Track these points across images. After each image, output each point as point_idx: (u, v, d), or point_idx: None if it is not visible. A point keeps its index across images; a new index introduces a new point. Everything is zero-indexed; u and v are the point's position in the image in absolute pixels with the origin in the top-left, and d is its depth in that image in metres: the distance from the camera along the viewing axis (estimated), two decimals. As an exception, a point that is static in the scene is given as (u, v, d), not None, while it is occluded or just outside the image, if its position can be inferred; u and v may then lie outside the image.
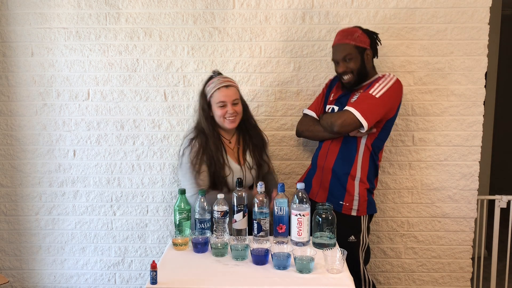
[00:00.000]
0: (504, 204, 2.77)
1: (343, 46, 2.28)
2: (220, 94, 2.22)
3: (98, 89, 2.68)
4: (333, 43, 2.34)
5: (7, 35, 2.65)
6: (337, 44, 2.31)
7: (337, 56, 2.30)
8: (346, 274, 1.75)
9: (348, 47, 2.27)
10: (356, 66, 2.28)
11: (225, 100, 2.21)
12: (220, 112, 2.22)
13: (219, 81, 2.25)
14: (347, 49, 2.27)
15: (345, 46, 2.27)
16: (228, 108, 2.21)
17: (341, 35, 2.31)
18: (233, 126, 2.27)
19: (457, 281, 2.74)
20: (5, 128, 2.72)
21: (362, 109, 2.19)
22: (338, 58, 2.30)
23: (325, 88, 2.53)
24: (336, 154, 2.34)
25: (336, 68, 2.34)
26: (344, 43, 2.28)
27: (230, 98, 2.22)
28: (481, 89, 2.60)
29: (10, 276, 2.83)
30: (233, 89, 2.25)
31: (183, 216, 2.08)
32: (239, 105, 2.26)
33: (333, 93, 2.45)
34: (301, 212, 1.96)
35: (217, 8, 2.59)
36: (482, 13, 2.54)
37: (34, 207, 2.77)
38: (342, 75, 2.31)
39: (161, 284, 1.69)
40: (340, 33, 2.32)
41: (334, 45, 2.33)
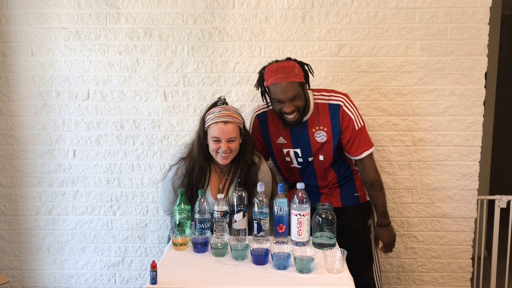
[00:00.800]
0: (504, 204, 2.77)
1: (290, 85, 2.10)
2: (216, 129, 2.09)
3: (98, 89, 2.68)
4: (274, 81, 2.12)
5: (7, 35, 2.65)
6: (281, 83, 2.10)
7: (285, 96, 2.10)
8: (346, 274, 1.76)
9: (295, 86, 2.11)
10: (302, 103, 2.14)
11: (220, 137, 2.08)
12: (213, 146, 2.12)
13: (220, 113, 2.11)
14: (295, 88, 2.11)
15: (292, 85, 2.10)
16: (222, 145, 2.09)
17: (284, 73, 2.11)
18: (225, 163, 2.15)
19: (457, 281, 2.74)
20: (5, 128, 2.72)
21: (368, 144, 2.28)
22: (287, 99, 2.10)
23: (256, 130, 2.37)
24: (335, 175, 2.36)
25: (281, 107, 2.14)
26: (290, 82, 2.10)
27: (226, 136, 2.08)
28: (481, 89, 2.60)
29: (10, 276, 2.83)
30: (231, 126, 2.09)
31: (183, 216, 2.08)
32: (235, 142, 2.12)
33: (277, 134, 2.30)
34: (301, 212, 1.96)
35: (217, 8, 2.59)
36: (482, 13, 2.54)
37: (34, 207, 2.77)
38: (288, 114, 2.14)
39: (161, 284, 1.69)
40: (279, 70, 2.12)
41: (276, 83, 2.11)
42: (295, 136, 2.28)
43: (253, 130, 2.41)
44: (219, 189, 2.24)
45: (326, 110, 2.24)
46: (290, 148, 2.31)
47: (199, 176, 2.19)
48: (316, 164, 2.32)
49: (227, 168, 2.24)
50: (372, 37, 2.58)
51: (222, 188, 2.24)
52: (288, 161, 2.36)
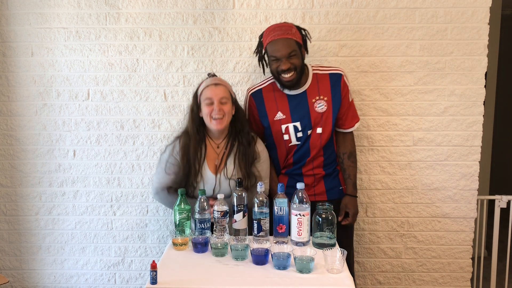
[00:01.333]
0: (504, 204, 2.77)
1: (286, 41, 2.14)
2: (207, 91, 2.19)
3: (98, 89, 2.68)
4: (270, 39, 2.17)
5: (7, 35, 2.65)
6: (278, 40, 2.15)
7: (281, 52, 2.14)
8: (346, 274, 1.75)
9: (291, 43, 2.15)
10: (299, 62, 2.18)
11: (212, 97, 2.16)
12: (207, 110, 2.18)
13: (209, 80, 2.23)
14: (291, 45, 2.15)
15: (289, 42, 2.15)
16: (215, 106, 2.15)
17: (280, 30, 2.17)
18: (220, 127, 2.18)
19: (457, 281, 2.74)
20: (5, 128, 2.72)
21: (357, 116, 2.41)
22: (282, 55, 2.14)
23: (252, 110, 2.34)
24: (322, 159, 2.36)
25: (277, 65, 2.18)
26: (287, 38, 2.15)
27: (218, 96, 2.16)
28: (481, 89, 2.60)
29: (10, 276, 2.83)
30: (222, 88, 2.19)
31: (183, 216, 2.08)
32: (227, 104, 2.18)
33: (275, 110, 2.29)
34: (301, 212, 1.96)
35: (217, 8, 2.59)
36: (482, 13, 2.54)
37: (34, 207, 2.77)
38: (285, 72, 2.17)
39: (161, 284, 1.69)
40: (276, 29, 2.19)
41: (273, 40, 2.16)
42: (294, 108, 2.28)
43: (249, 110, 2.37)
44: (215, 164, 2.24)
45: (326, 79, 2.29)
46: (289, 122, 2.29)
47: (195, 151, 2.21)
48: (312, 139, 2.30)
49: (223, 143, 2.26)
50: (372, 37, 2.58)
51: (219, 163, 2.24)
52: (287, 139, 2.32)
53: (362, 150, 2.66)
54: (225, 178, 2.21)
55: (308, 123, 2.29)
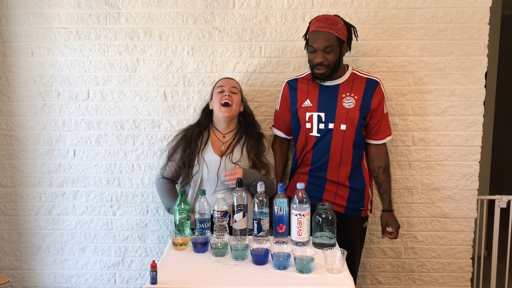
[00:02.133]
0: (504, 204, 2.77)
1: (327, 35, 2.15)
2: (220, 82, 2.37)
3: (98, 89, 2.68)
4: (313, 28, 2.19)
5: (7, 35, 2.65)
6: (319, 32, 2.17)
7: (319, 44, 2.16)
8: (346, 274, 1.76)
9: (331, 38, 2.16)
10: (334, 59, 2.19)
11: (223, 85, 2.32)
12: (217, 97, 2.30)
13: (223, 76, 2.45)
14: (331, 40, 2.16)
15: (329, 36, 2.16)
16: (226, 92, 2.29)
17: (325, 23, 2.17)
18: (228, 115, 2.29)
19: (457, 281, 2.74)
20: (5, 128, 2.72)
21: (390, 129, 2.40)
22: (319, 47, 2.16)
23: (285, 95, 2.40)
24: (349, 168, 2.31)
25: (313, 56, 2.20)
26: (328, 32, 2.15)
27: (229, 85, 2.32)
28: (481, 89, 2.60)
29: (10, 276, 2.83)
30: (233, 81, 2.38)
31: (183, 216, 2.08)
32: (237, 95, 2.32)
33: (304, 98, 2.32)
34: (301, 212, 1.96)
35: (217, 8, 2.59)
36: (482, 13, 2.54)
37: (34, 207, 2.77)
38: (318, 66, 2.19)
39: (161, 284, 1.69)
40: (322, 20, 2.19)
41: (315, 31, 2.18)
42: (323, 98, 2.29)
43: (282, 96, 2.43)
44: (221, 150, 2.32)
45: (362, 82, 2.30)
46: (314, 111, 2.29)
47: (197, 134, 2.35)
48: (335, 135, 2.27)
49: (230, 134, 2.36)
50: (372, 37, 2.58)
51: (225, 149, 2.32)
52: (308, 128, 2.31)
53: (362, 150, 2.66)
54: (230, 161, 2.28)
55: (331, 116, 2.27)
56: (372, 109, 2.28)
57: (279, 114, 2.47)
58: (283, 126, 2.46)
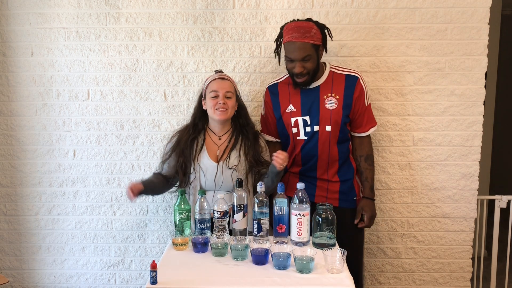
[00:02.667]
0: (504, 204, 2.77)
1: (302, 45, 2.15)
2: (214, 84, 2.25)
3: (98, 89, 2.68)
4: (288, 39, 2.18)
5: (7, 35, 2.65)
6: (294, 42, 2.16)
7: (296, 55, 2.16)
8: (346, 274, 1.76)
9: (307, 47, 2.16)
10: (313, 66, 2.20)
11: (218, 90, 2.23)
12: (211, 102, 2.23)
13: (216, 74, 2.31)
14: (307, 50, 2.16)
15: (305, 46, 2.15)
16: (220, 99, 2.21)
17: (298, 32, 2.15)
18: (223, 118, 2.23)
19: (457, 281, 2.74)
20: (5, 128, 2.72)
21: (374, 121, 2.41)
22: (296, 58, 2.16)
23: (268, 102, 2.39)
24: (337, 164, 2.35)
25: (291, 66, 2.20)
26: (303, 42, 2.15)
27: (223, 90, 2.23)
28: (481, 89, 2.60)
29: (10, 276, 2.83)
30: (227, 83, 2.26)
31: (183, 216, 2.08)
32: (232, 99, 2.25)
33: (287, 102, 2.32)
34: (301, 212, 1.96)
35: (217, 8, 2.59)
36: (482, 13, 2.54)
37: (34, 207, 2.77)
38: (298, 75, 2.20)
39: (161, 284, 1.69)
40: (295, 29, 2.17)
41: (289, 41, 2.17)
42: (305, 102, 2.29)
43: (265, 103, 2.43)
44: (216, 155, 2.27)
45: (341, 80, 2.30)
46: (299, 116, 2.30)
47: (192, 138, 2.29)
48: (321, 136, 2.29)
49: (225, 136, 2.31)
50: (372, 37, 2.58)
51: (220, 153, 2.28)
52: (295, 132, 2.33)
53: (362, 150, 2.66)
54: (227, 167, 2.23)
55: (316, 118, 2.28)
56: (354, 105, 2.30)
57: (265, 119, 2.46)
58: (271, 130, 2.45)
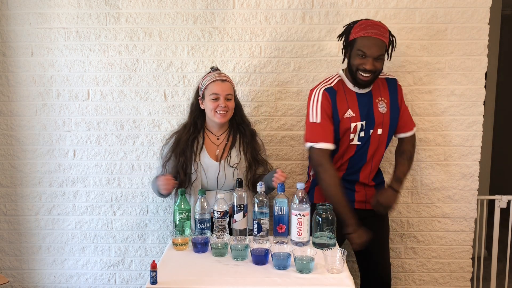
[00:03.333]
0: (504, 204, 2.77)
1: (381, 43, 2.09)
2: (214, 87, 2.22)
3: (98, 89, 2.68)
4: (365, 33, 2.08)
5: (7, 35, 2.65)
6: (373, 38, 2.08)
7: (373, 52, 2.07)
8: (346, 274, 1.76)
9: (383, 46, 2.10)
10: (381, 67, 2.14)
11: (219, 93, 2.21)
12: (212, 105, 2.22)
13: (215, 75, 2.26)
14: (383, 48, 2.11)
15: (382, 44, 2.10)
16: (221, 101, 2.21)
17: (378, 30, 2.09)
18: (223, 121, 2.25)
19: (457, 281, 2.74)
20: (5, 128, 2.72)
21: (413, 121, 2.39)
22: (373, 54, 2.07)
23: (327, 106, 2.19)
24: (378, 169, 2.37)
25: (361, 62, 2.10)
26: (382, 40, 2.09)
27: (224, 92, 2.22)
28: (481, 89, 2.60)
29: (10, 276, 2.83)
30: (228, 84, 2.26)
31: (183, 216, 2.08)
32: (232, 101, 2.26)
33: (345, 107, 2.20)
34: (301, 212, 1.96)
35: (217, 8, 2.59)
36: (482, 13, 2.54)
37: (34, 207, 2.77)
38: (366, 72, 2.11)
39: (161, 284, 1.69)
40: (374, 26, 2.09)
41: (368, 36, 2.08)
42: (363, 107, 2.23)
43: (323, 106, 2.19)
44: (216, 154, 2.28)
45: (384, 84, 2.30)
46: (358, 121, 2.20)
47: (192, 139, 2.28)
48: (372, 139, 2.25)
49: (223, 135, 2.32)
50: (372, 37, 2.58)
51: (220, 153, 2.28)
52: (351, 138, 2.23)
53: (362, 150, 2.66)
54: (228, 165, 2.25)
55: (372, 123, 2.24)
56: (400, 107, 2.30)
57: (323, 126, 2.20)
58: (331, 137, 2.20)
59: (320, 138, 2.19)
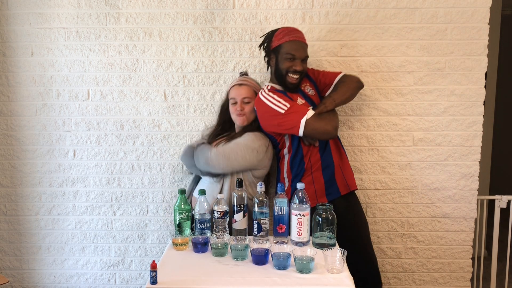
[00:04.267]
0: (504, 204, 2.77)
1: (305, 45, 2.28)
2: (233, 92, 2.38)
3: (98, 89, 2.68)
4: (291, 38, 2.23)
5: (7, 35, 2.65)
6: (299, 42, 2.25)
7: (301, 54, 2.23)
8: (346, 274, 1.76)
9: (306, 49, 2.28)
10: (306, 68, 2.31)
11: (235, 97, 2.35)
12: (231, 108, 2.38)
13: (237, 79, 2.42)
14: (306, 50, 2.28)
15: (306, 47, 2.28)
16: (238, 105, 2.33)
17: (300, 34, 2.28)
18: (242, 123, 2.35)
19: (457, 281, 2.74)
20: (5, 128, 2.73)
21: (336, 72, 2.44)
22: (301, 56, 2.23)
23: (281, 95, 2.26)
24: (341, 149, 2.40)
25: (290, 65, 2.23)
26: (305, 43, 2.28)
27: (241, 96, 2.33)
28: (481, 89, 2.60)
29: (10, 276, 2.83)
30: (245, 88, 2.35)
31: (183, 216, 2.08)
32: (250, 104, 2.34)
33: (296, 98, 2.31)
34: (301, 212, 1.96)
35: (217, 8, 2.59)
36: (482, 13, 2.54)
37: (34, 207, 2.78)
38: (296, 73, 2.23)
39: (161, 284, 1.69)
40: (297, 31, 2.27)
41: (295, 40, 2.24)
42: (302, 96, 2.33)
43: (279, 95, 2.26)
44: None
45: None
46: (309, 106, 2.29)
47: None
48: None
49: None
50: (372, 37, 2.58)
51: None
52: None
53: (362, 150, 2.66)
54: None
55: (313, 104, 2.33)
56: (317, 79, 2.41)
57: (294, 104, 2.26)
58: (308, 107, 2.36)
59: (304, 110, 2.20)
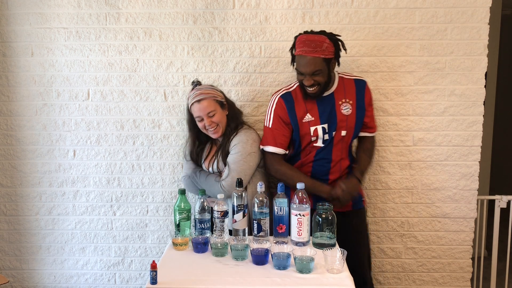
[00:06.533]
0: (504, 204, 2.77)
1: (313, 60, 2.11)
2: (194, 110, 2.28)
3: (98, 89, 2.68)
4: (299, 52, 2.15)
5: (7, 35, 2.65)
6: (304, 57, 2.13)
7: (306, 69, 2.13)
8: (346, 274, 1.76)
9: (317, 62, 2.12)
10: (323, 79, 2.17)
11: (200, 115, 2.27)
12: (200, 125, 2.31)
13: (193, 95, 2.29)
14: (317, 64, 2.12)
15: (315, 60, 2.12)
16: (205, 121, 2.26)
17: (309, 46, 2.12)
18: (217, 136, 2.32)
19: (457, 281, 2.74)
20: (5, 128, 2.72)
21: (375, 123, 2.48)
22: (306, 72, 2.13)
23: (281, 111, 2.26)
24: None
25: (301, 78, 2.19)
26: (313, 57, 2.11)
27: (204, 112, 2.25)
28: (481, 89, 2.60)
29: (10, 276, 2.83)
30: (205, 102, 2.25)
31: (183, 216, 2.08)
32: (217, 115, 2.27)
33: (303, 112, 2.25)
34: (301, 212, 1.96)
35: (217, 8, 2.59)
36: (482, 13, 2.54)
37: (34, 207, 2.77)
38: (308, 87, 2.18)
39: (161, 284, 1.69)
40: (306, 43, 2.13)
41: (299, 55, 2.15)
42: (323, 110, 2.26)
43: (276, 112, 2.28)
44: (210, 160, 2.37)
45: (352, 84, 2.32)
46: (317, 124, 2.25)
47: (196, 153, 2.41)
48: (336, 141, 2.28)
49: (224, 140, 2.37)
50: (372, 37, 2.58)
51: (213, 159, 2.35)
52: (313, 140, 2.28)
53: (362, 150, 2.66)
54: (212, 170, 2.35)
55: (334, 124, 2.27)
56: (367, 109, 2.35)
57: (274, 131, 2.28)
58: (282, 142, 2.28)
59: (269, 142, 2.28)
